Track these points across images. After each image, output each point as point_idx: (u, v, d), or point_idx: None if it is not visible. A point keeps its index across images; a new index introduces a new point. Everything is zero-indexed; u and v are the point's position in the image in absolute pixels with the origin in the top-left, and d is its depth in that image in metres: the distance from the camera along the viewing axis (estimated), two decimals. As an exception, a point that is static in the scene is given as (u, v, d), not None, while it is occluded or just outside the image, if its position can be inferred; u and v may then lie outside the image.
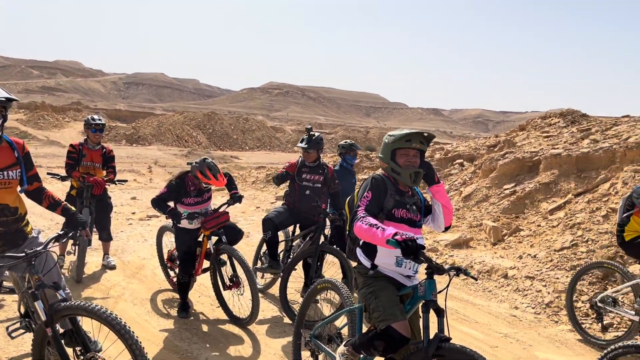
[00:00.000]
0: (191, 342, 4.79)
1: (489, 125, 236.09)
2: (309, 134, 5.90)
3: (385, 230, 2.81)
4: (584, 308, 5.89)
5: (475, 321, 5.86)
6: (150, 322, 5.19)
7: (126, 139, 47.99)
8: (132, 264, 7.14)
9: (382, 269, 3.17)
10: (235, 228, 5.44)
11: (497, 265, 7.38)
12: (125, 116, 77.42)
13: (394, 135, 3.18)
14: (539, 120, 15.43)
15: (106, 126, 6.99)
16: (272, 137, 64.29)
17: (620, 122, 11.82)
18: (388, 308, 2.99)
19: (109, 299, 5.75)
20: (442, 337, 2.78)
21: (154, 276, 6.66)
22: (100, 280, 6.37)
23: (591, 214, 7.73)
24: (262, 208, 13.29)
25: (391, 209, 3.15)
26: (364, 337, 3.11)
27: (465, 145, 15.93)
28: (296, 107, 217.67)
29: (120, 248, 7.94)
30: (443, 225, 3.35)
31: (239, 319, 5.18)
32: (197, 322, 5.29)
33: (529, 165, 10.72)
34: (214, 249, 5.22)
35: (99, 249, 7.22)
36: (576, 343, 5.35)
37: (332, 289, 3.84)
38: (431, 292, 2.93)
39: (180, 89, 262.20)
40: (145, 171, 27.11)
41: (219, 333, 5.04)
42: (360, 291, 3.22)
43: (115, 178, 6.68)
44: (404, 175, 3.14)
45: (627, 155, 9.04)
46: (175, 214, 5.12)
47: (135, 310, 5.47)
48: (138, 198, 14.18)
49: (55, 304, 3.10)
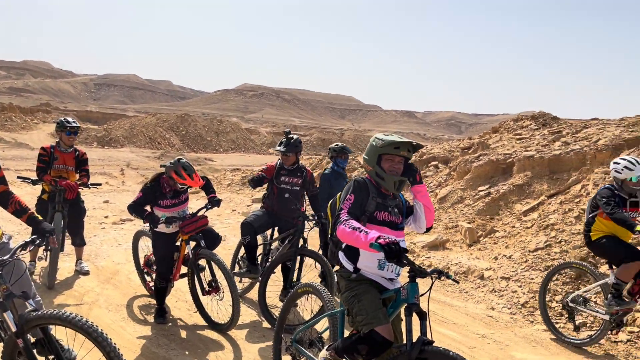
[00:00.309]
0: (169, 348, 4.71)
1: (462, 127, 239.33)
2: (287, 137, 5.86)
3: (368, 233, 2.80)
4: (557, 308, 5.99)
5: (453, 322, 5.91)
6: (126, 329, 5.08)
7: (97, 141, 47.10)
8: (106, 269, 6.99)
9: (364, 272, 3.16)
10: (213, 233, 5.38)
11: (474, 267, 7.46)
12: (97, 118, 76.08)
13: (383, 140, 3.17)
14: (512, 122, 15.68)
15: (82, 128, 6.82)
16: (246, 139, 63.91)
17: (589, 124, 12.10)
18: (371, 312, 2.98)
19: (82, 305, 5.62)
20: (425, 340, 2.78)
21: (129, 281, 6.54)
22: (73, 286, 6.22)
23: (564, 215, 7.89)
24: (238, 211, 13.19)
25: (373, 212, 3.15)
26: (347, 341, 3.10)
27: (439, 148, 16.09)
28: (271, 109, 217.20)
29: (94, 253, 7.77)
30: (424, 226, 3.36)
31: (218, 324, 5.12)
32: (175, 327, 5.21)
33: (502, 167, 10.89)
34: (193, 253, 5.14)
35: (71, 254, 7.06)
36: (551, 342, 5.44)
37: (314, 292, 3.81)
38: (414, 295, 2.94)
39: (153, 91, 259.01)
40: (118, 174, 26.64)
41: (197, 339, 4.97)
42: (343, 295, 3.21)
43: (88, 181, 6.53)
44: (388, 181, 3.15)
45: (597, 157, 9.26)
46: (153, 219, 5.03)
47: (111, 317, 5.35)
48: (111, 201, 13.94)
49: (26, 313, 3.00)
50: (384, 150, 3.16)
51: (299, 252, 5.50)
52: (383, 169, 3.17)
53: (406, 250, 2.79)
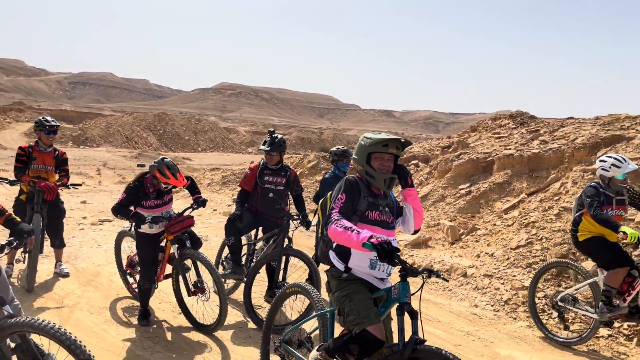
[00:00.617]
0: (154, 351, 4.63)
1: (439, 126, 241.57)
2: (271, 136, 5.81)
3: (360, 233, 2.79)
4: (540, 304, 6.06)
5: (438, 320, 5.95)
6: (109, 332, 4.99)
7: (73, 141, 46.25)
8: (86, 271, 6.86)
9: (355, 271, 3.15)
10: (195, 236, 5.31)
11: (456, 264, 7.52)
12: (72, 117, 74.67)
13: (371, 138, 3.16)
14: (490, 121, 15.86)
15: (59, 127, 6.69)
16: (225, 138, 63.47)
17: (566, 123, 12.31)
18: (363, 311, 2.97)
19: (63, 308, 5.50)
20: (418, 339, 2.78)
21: (111, 283, 6.43)
22: (53, 289, 6.09)
23: (544, 212, 8.00)
24: (219, 211, 13.10)
25: (365, 211, 3.14)
26: (338, 341, 3.08)
27: (419, 147, 16.20)
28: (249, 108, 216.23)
29: (73, 255, 7.62)
30: (412, 228, 3.37)
31: (204, 325, 5.06)
32: (159, 330, 5.13)
33: (483, 165, 11.01)
34: (179, 254, 5.07)
35: (50, 256, 6.92)
36: (535, 339, 5.51)
37: (302, 293, 3.79)
38: (405, 294, 2.94)
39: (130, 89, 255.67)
40: (94, 174, 26.22)
41: (182, 341, 4.91)
42: (334, 294, 3.19)
43: (68, 182, 6.40)
44: (379, 179, 3.14)
45: (575, 156, 9.43)
46: (140, 218, 4.96)
47: (93, 320, 5.25)
48: (88, 202, 13.70)
49: (1, 320, 2.92)
50: (373, 149, 3.15)
51: (284, 252, 5.46)
52: (373, 167, 3.17)
53: (398, 249, 2.79)
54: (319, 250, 3.36)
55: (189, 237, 5.20)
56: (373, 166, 3.16)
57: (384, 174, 3.14)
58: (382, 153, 3.15)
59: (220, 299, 4.83)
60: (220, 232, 9.33)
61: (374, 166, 3.16)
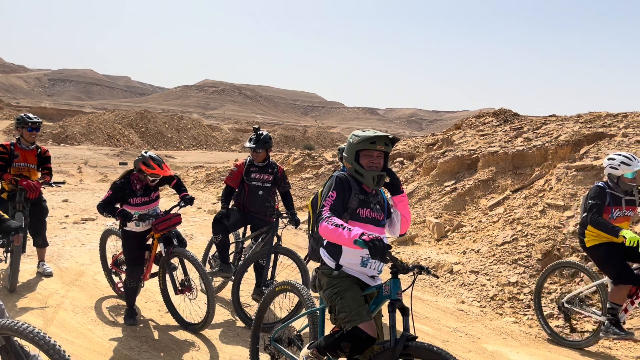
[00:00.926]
0: (141, 350, 4.58)
1: (423, 124, 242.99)
2: (256, 134, 5.78)
3: (351, 230, 2.78)
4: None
5: (425, 317, 5.97)
6: (95, 332, 4.92)
7: (53, 138, 45.60)
8: (70, 271, 6.76)
9: (346, 269, 3.14)
10: (180, 236, 5.26)
11: (443, 261, 7.57)
12: (52, 114, 73.70)
13: (359, 136, 3.15)
14: (474, 119, 15.99)
15: (42, 124, 6.58)
16: (208, 135, 63.11)
17: (548, 121, 12.45)
18: (354, 308, 2.96)
19: (47, 308, 5.40)
20: (409, 336, 2.78)
21: (96, 282, 6.34)
22: (36, 288, 5.98)
23: (529, 209, 8.08)
24: (203, 209, 13.01)
25: (356, 209, 3.12)
26: (330, 338, 3.07)
27: (404, 144, 16.26)
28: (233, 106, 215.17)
29: (56, 254, 7.50)
30: (399, 232, 3.39)
31: (191, 324, 5.02)
32: (146, 329, 5.07)
33: (467, 162, 11.09)
34: (166, 252, 5.02)
35: (32, 256, 6.80)
36: (521, 334, 5.56)
37: (292, 290, 3.77)
38: (396, 291, 2.93)
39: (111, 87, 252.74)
40: (75, 172, 25.92)
41: (170, 340, 4.85)
42: (325, 292, 3.18)
43: (51, 180, 6.29)
44: (367, 177, 3.12)
45: (558, 153, 9.53)
46: (126, 215, 4.89)
47: (78, 320, 5.17)
48: (70, 200, 13.51)
49: None
50: (361, 147, 3.13)
51: (273, 250, 5.43)
52: (361, 165, 3.16)
53: (390, 246, 2.78)
54: (309, 247, 3.34)
55: (175, 236, 5.16)
56: (362, 164, 3.15)
57: (372, 171, 3.12)
58: (370, 150, 3.14)
59: (207, 297, 4.79)
60: (206, 231, 9.28)
61: (362, 164, 3.15)
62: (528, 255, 6.94)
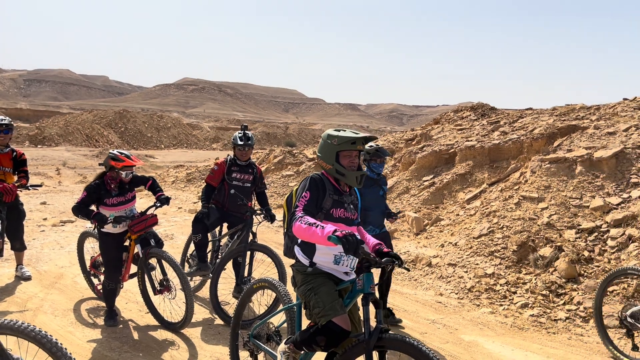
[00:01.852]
0: (122, 351, 4.60)
1: (404, 119, 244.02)
2: (244, 132, 5.82)
3: (324, 227, 2.85)
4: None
5: (404, 309, 6.08)
6: (75, 334, 4.92)
7: (30, 140, 44.85)
8: (49, 274, 6.72)
9: (320, 266, 3.21)
10: (156, 236, 5.28)
11: (421, 255, 7.69)
12: (28, 115, 72.47)
13: (337, 136, 3.20)
14: (452, 113, 16.19)
15: (14, 126, 6.52)
16: (188, 134, 62.61)
17: (524, 114, 12.67)
18: (328, 303, 3.03)
19: (26, 312, 5.39)
20: (383, 328, 2.86)
21: (75, 285, 6.32)
22: (14, 292, 5.95)
23: (504, 202, 8.24)
24: (184, 208, 12.98)
25: (330, 209, 3.19)
26: (305, 333, 3.14)
27: (384, 139, 16.39)
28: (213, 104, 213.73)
29: (35, 257, 7.45)
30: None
31: (171, 323, 5.05)
32: (127, 329, 5.09)
33: (445, 157, 11.24)
34: (143, 253, 5.04)
35: (10, 260, 6.75)
36: (497, 324, 5.70)
37: (269, 287, 3.83)
38: (369, 285, 3.00)
39: (88, 86, 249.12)
40: (54, 174, 25.60)
41: (150, 339, 4.88)
42: (300, 288, 3.24)
43: (28, 183, 6.25)
44: (350, 177, 3.19)
45: (533, 146, 9.72)
46: (101, 218, 4.89)
47: (58, 322, 5.17)
48: (49, 202, 13.38)
49: None
50: (342, 147, 3.20)
51: (249, 247, 5.49)
52: (343, 165, 3.22)
53: (362, 241, 2.85)
54: (284, 245, 3.40)
55: (152, 236, 5.17)
56: (343, 164, 3.22)
57: (354, 171, 3.20)
58: (350, 151, 3.21)
59: (185, 296, 4.83)
60: (187, 230, 9.27)
61: (343, 164, 3.22)
62: (504, 247, 7.09)
